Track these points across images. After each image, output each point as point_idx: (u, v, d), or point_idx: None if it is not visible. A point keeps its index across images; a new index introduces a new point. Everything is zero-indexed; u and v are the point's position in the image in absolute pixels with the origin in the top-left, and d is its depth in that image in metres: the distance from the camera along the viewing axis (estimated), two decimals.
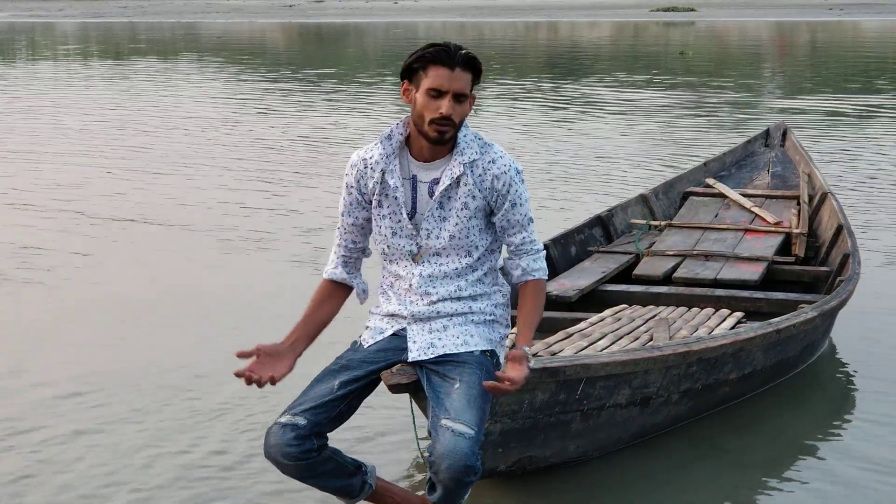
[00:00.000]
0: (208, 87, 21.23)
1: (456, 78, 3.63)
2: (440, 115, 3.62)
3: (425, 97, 3.64)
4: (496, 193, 3.74)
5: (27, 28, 46.10)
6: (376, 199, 3.78)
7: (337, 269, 3.92)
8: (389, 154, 3.75)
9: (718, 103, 17.20)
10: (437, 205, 3.73)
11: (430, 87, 3.63)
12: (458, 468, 3.47)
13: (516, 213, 3.77)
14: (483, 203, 3.75)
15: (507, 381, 3.51)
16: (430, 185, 3.74)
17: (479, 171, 3.72)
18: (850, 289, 5.76)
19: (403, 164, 3.77)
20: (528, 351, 3.67)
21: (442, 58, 3.63)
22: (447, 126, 3.64)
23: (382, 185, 3.76)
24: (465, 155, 3.71)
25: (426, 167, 3.75)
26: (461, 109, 3.66)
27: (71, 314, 6.83)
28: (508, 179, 3.73)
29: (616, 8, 52.28)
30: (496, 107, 17.14)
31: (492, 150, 3.75)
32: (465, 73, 3.65)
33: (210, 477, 4.57)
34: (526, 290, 3.83)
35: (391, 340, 3.81)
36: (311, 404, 3.69)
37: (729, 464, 4.73)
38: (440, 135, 3.65)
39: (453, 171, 3.70)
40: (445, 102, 3.62)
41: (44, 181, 11.20)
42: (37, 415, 5.23)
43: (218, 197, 10.27)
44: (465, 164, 3.70)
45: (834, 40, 32.97)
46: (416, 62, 3.66)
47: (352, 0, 63.06)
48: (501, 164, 3.74)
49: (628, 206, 7.63)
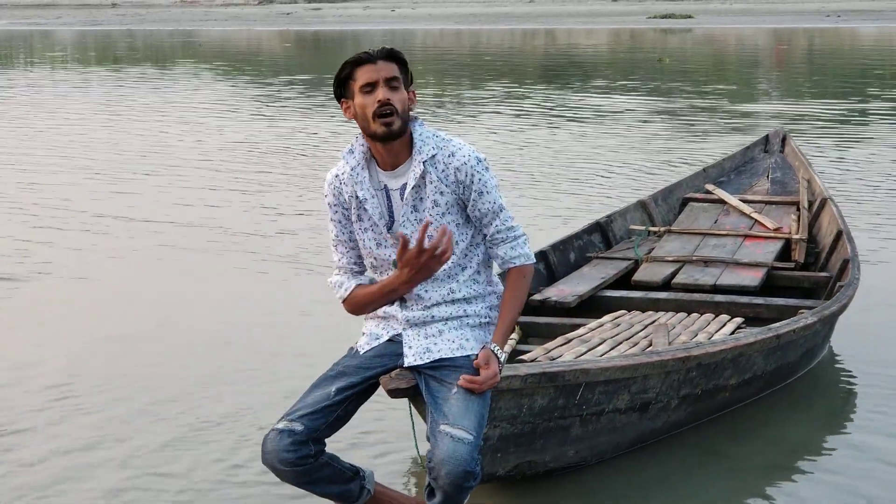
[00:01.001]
0: (203, 94, 21.22)
1: (381, 68, 3.68)
2: (378, 102, 3.64)
3: (362, 97, 3.68)
4: (462, 185, 3.73)
5: (25, 36, 46.11)
6: (355, 214, 3.80)
7: (352, 280, 3.88)
8: (355, 167, 3.78)
9: (717, 109, 17.20)
10: (410, 209, 3.74)
11: (362, 85, 3.68)
12: (457, 473, 3.45)
13: (485, 201, 3.75)
14: (453, 198, 3.74)
15: (472, 382, 3.60)
16: (400, 192, 3.75)
17: (440, 166, 3.72)
18: (850, 294, 5.75)
19: (373, 177, 3.79)
20: (495, 349, 3.71)
21: (363, 58, 3.70)
22: (390, 113, 3.65)
23: (357, 199, 3.76)
24: (422, 153, 3.72)
25: (393, 175, 3.76)
26: (398, 96, 3.68)
27: (68, 316, 6.81)
28: (470, 169, 3.72)
29: (613, 15, 52.32)
30: (493, 114, 17.14)
31: (451, 144, 3.75)
32: (389, 63, 3.70)
33: (207, 484, 4.55)
34: (507, 280, 3.84)
35: (387, 346, 3.81)
36: (307, 410, 3.68)
37: (728, 470, 4.71)
38: (387, 126, 3.65)
39: (416, 170, 3.71)
40: (380, 90, 3.65)
41: (32, 186, 11.19)
42: (32, 421, 5.21)
43: (217, 205, 10.25)
44: (426, 161, 3.70)
45: (832, 47, 33.01)
46: (343, 73, 3.72)
47: (349, 7, 63.13)
48: (461, 155, 3.73)
49: (627, 212, 7.62)
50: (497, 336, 3.76)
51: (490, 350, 3.71)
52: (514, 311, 3.80)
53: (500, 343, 3.75)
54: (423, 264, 3.62)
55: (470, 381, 3.61)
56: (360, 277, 3.90)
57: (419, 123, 3.77)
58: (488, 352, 3.70)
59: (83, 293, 7.40)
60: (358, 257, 3.89)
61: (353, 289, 3.86)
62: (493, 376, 3.66)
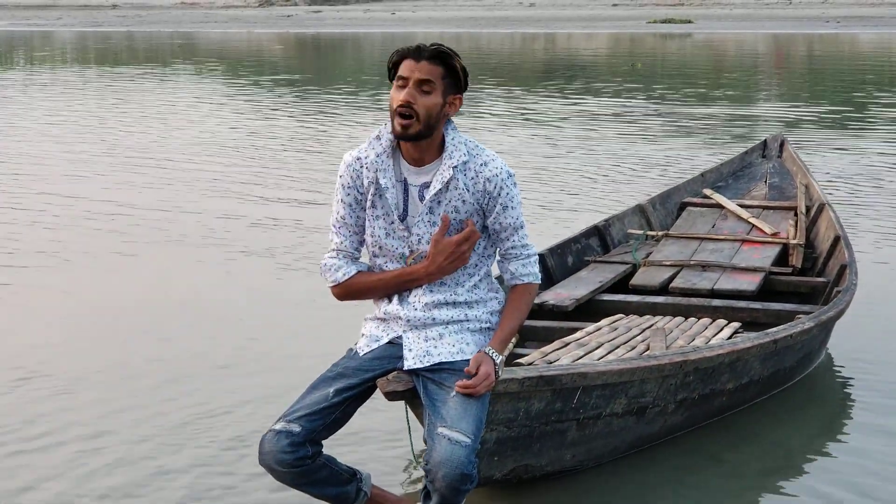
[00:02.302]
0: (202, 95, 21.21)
1: (420, 67, 3.67)
2: (400, 101, 3.64)
3: (394, 89, 3.69)
4: (488, 196, 3.73)
5: (25, 37, 46.10)
6: (370, 200, 3.79)
7: (349, 265, 3.87)
8: (380, 153, 3.77)
9: (715, 114, 17.20)
10: (427, 210, 3.74)
11: (398, 77, 3.69)
12: (454, 476, 3.46)
13: (508, 216, 3.76)
14: (475, 207, 3.74)
15: (467, 387, 3.60)
16: (420, 190, 3.75)
17: (471, 173, 3.72)
18: (848, 300, 5.75)
19: (396, 167, 3.78)
20: (491, 353, 3.71)
21: (411, 52, 3.70)
22: (409, 116, 3.64)
23: (376, 186, 3.76)
24: (453, 158, 3.71)
25: (416, 171, 3.76)
26: (425, 101, 3.66)
27: (64, 317, 6.81)
28: (500, 182, 3.73)
29: (613, 20, 52.32)
30: (493, 117, 17.14)
31: (484, 153, 3.76)
32: (433, 65, 3.68)
33: (203, 484, 4.55)
34: (513, 293, 3.86)
35: (387, 348, 3.81)
36: (305, 411, 3.68)
37: (725, 474, 4.71)
38: (403, 128, 3.66)
39: (444, 174, 3.70)
40: (406, 90, 3.65)
41: (34, 185, 11.19)
42: (28, 419, 5.21)
43: (217, 203, 10.25)
44: (456, 167, 3.70)
45: (831, 53, 33.03)
46: (391, 61, 3.72)
47: (349, 11, 63.13)
48: (493, 166, 3.74)
49: (625, 216, 7.62)
50: (495, 341, 3.77)
51: (484, 352, 3.71)
52: (515, 321, 3.82)
53: (497, 348, 3.75)
54: (460, 254, 3.64)
55: (464, 386, 3.61)
56: (359, 264, 3.90)
57: (452, 127, 3.76)
58: (481, 354, 3.70)
59: (75, 286, 7.40)
60: (359, 243, 3.88)
61: (354, 274, 3.85)
62: (486, 377, 3.65)
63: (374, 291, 3.83)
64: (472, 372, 3.65)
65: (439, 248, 3.67)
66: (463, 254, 3.70)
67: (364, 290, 3.84)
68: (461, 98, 3.75)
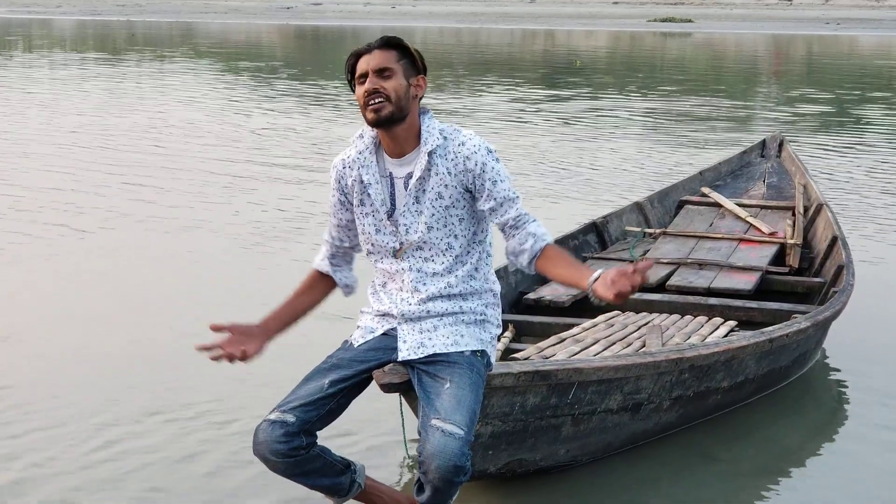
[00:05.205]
0: (200, 86, 21.20)
1: (373, 57, 3.68)
2: (365, 90, 3.65)
3: (358, 88, 3.70)
4: (471, 174, 3.71)
5: (24, 24, 46.04)
6: (357, 198, 3.79)
7: (324, 261, 3.97)
8: (363, 150, 3.78)
9: (715, 113, 17.21)
10: (412, 199, 3.74)
11: (358, 76, 3.70)
12: (447, 468, 3.45)
13: (500, 189, 3.73)
14: (459, 190, 3.72)
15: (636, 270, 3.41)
16: (404, 181, 3.75)
17: (451, 156, 3.71)
18: (844, 300, 5.75)
19: (380, 163, 3.79)
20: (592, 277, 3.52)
21: (360, 50, 3.72)
22: (378, 100, 3.64)
23: (361, 184, 3.77)
24: (428, 144, 3.71)
25: (399, 163, 3.76)
26: (390, 84, 3.66)
27: (59, 311, 6.81)
28: (480, 158, 3.71)
29: (614, 18, 52.34)
30: (491, 112, 17.14)
31: (461, 134, 3.75)
32: (385, 52, 3.69)
33: (197, 474, 4.55)
34: (550, 252, 3.73)
35: (381, 340, 3.80)
36: (300, 402, 3.68)
37: (719, 472, 4.71)
38: (376, 113, 3.65)
39: (422, 161, 3.70)
40: (368, 79, 3.66)
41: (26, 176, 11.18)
42: (24, 415, 5.21)
43: (214, 193, 10.25)
44: (433, 152, 3.70)
45: (830, 54, 33.04)
46: (348, 65, 3.73)
47: (350, 4, 63.10)
48: (471, 144, 3.72)
49: (623, 213, 7.62)
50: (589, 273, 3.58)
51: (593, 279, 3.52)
52: (574, 260, 3.75)
53: (587, 273, 3.57)
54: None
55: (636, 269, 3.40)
56: (328, 262, 3.94)
57: (429, 116, 3.77)
58: (607, 272, 3.50)
59: (69, 279, 7.39)
60: (339, 241, 3.92)
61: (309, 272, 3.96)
62: (626, 270, 3.45)
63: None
64: (616, 278, 3.44)
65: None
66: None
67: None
68: (424, 78, 3.76)
